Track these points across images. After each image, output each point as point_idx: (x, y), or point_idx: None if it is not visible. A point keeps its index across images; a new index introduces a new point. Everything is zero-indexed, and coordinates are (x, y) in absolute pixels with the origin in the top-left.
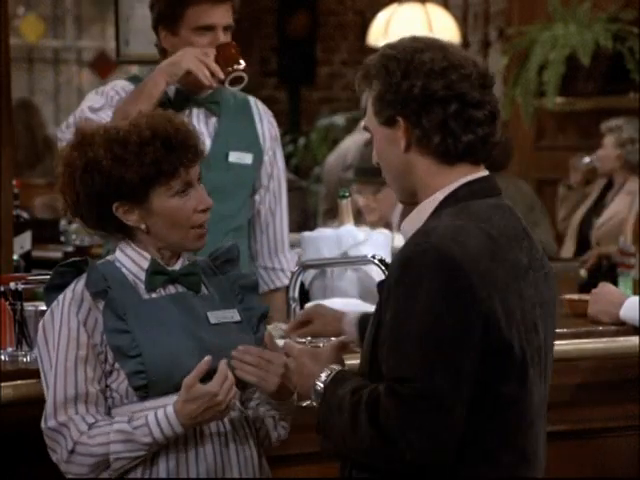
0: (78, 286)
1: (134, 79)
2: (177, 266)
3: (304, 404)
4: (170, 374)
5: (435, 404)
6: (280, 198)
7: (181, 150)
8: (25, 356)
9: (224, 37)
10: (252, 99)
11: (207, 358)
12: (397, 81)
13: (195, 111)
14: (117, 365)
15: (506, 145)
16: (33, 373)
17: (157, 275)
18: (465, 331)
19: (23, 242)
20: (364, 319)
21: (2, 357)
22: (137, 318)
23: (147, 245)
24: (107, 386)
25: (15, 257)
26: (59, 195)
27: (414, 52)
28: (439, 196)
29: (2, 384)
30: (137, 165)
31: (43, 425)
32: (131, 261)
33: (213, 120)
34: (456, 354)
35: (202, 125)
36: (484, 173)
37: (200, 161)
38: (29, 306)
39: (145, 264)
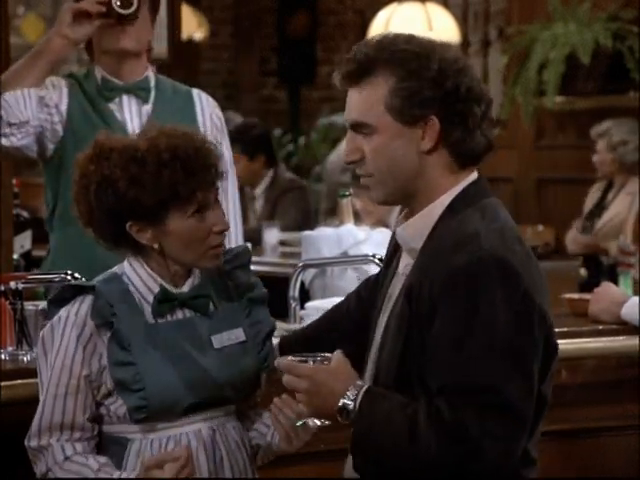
0: (82, 309)
1: (69, 77)
2: (186, 287)
3: (298, 423)
4: (170, 407)
5: (512, 414)
6: (226, 191)
7: (200, 173)
8: (25, 355)
9: None
10: (195, 91)
11: (179, 451)
12: (434, 78)
13: (125, 99)
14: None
15: None
16: (33, 373)
17: (165, 303)
18: (532, 337)
19: (23, 241)
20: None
21: (2, 356)
22: (142, 347)
23: (159, 264)
24: (100, 405)
25: (15, 256)
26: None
27: (441, 50)
28: (446, 199)
29: (2, 384)
30: (153, 187)
31: (26, 442)
32: (140, 281)
33: (146, 108)
34: (527, 361)
35: (134, 114)
36: (477, 174)
37: (220, 181)
38: (29, 305)
39: (155, 287)
